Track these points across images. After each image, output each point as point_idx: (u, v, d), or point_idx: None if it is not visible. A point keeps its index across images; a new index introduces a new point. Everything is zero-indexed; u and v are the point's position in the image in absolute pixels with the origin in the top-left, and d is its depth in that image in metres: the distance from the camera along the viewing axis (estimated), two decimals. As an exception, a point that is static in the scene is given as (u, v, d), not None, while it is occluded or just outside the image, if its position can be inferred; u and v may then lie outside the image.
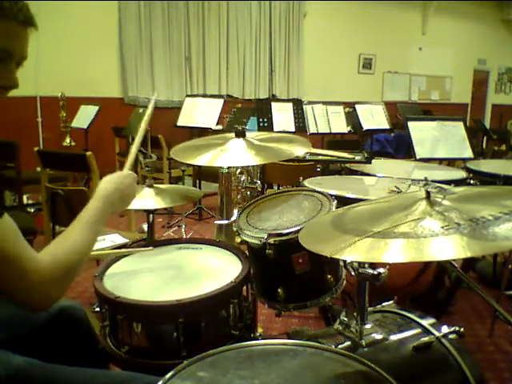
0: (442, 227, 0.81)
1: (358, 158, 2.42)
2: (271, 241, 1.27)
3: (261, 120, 3.97)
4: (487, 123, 10.13)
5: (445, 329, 1.10)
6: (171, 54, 6.91)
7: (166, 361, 1.14)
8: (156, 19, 6.67)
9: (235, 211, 1.53)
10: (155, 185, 1.71)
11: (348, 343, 1.08)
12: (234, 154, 1.49)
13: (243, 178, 1.85)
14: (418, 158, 2.68)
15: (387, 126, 4.90)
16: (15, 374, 0.95)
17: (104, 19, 6.27)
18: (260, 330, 1.89)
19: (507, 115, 9.03)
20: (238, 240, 1.41)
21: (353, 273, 1.09)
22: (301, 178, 1.96)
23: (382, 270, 1.05)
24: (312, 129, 4.20)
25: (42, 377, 0.97)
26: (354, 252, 0.83)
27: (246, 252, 1.41)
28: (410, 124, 2.79)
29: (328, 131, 4.35)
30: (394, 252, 0.78)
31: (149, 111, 1.38)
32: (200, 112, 4.38)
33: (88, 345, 1.22)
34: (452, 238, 0.77)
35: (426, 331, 1.10)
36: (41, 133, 5.93)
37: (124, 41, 6.49)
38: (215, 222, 1.91)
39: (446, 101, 10.41)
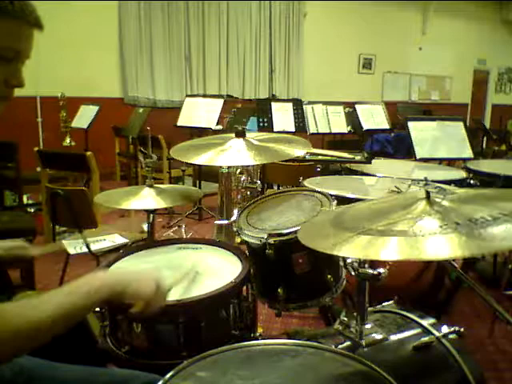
0: (441, 226, 0.81)
1: (357, 158, 2.42)
2: (271, 241, 1.27)
3: (261, 120, 3.98)
4: (487, 123, 10.13)
5: (445, 329, 1.10)
6: (171, 54, 6.91)
7: (165, 361, 1.14)
8: (156, 19, 6.68)
9: (235, 211, 1.53)
10: (155, 185, 1.70)
11: (348, 343, 1.08)
12: (234, 154, 1.49)
13: (243, 178, 1.85)
14: (418, 158, 2.69)
15: (387, 126, 4.91)
16: (20, 373, 0.96)
17: (104, 19, 6.28)
18: (260, 330, 1.89)
19: (507, 115, 9.03)
20: (238, 240, 1.41)
21: (353, 273, 1.09)
22: (301, 178, 1.96)
23: (381, 270, 1.05)
24: (312, 129, 4.21)
25: (46, 376, 0.98)
26: (351, 248, 0.82)
27: (246, 252, 1.41)
28: (410, 124, 2.79)
29: (328, 131, 4.36)
30: (391, 250, 0.78)
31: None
32: (200, 112, 4.38)
33: (86, 344, 1.22)
34: (449, 238, 0.76)
35: (426, 331, 1.10)
36: (41, 133, 5.93)
37: (124, 41, 6.50)
38: (215, 222, 1.91)
39: (446, 101, 10.41)
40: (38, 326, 0.75)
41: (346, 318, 1.12)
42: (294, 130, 4.01)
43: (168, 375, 0.81)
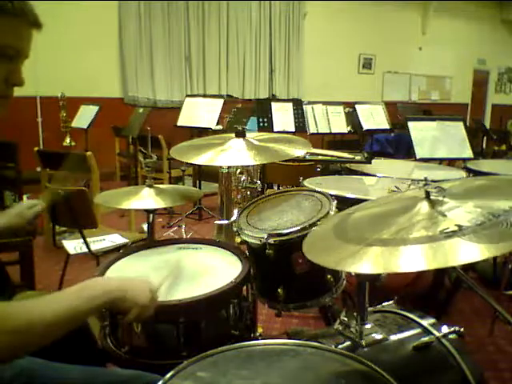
0: (442, 230, 0.80)
1: (358, 158, 2.42)
2: (271, 241, 1.27)
3: (261, 120, 3.98)
4: (487, 123, 10.13)
5: (445, 329, 1.09)
6: (171, 54, 6.91)
7: (166, 361, 1.14)
8: (156, 19, 6.68)
9: (235, 211, 1.53)
10: (155, 185, 1.70)
11: (348, 343, 1.07)
12: (234, 154, 1.49)
13: (243, 178, 1.85)
14: (418, 157, 2.68)
15: (387, 126, 4.90)
16: (19, 373, 0.96)
17: (104, 19, 6.28)
18: (260, 330, 1.89)
19: (507, 115, 9.04)
20: (238, 240, 1.41)
21: (353, 273, 1.09)
22: (301, 178, 1.96)
23: (382, 270, 1.05)
24: (312, 129, 4.20)
25: (45, 376, 0.98)
26: (366, 263, 0.79)
27: (246, 252, 1.41)
28: (410, 124, 2.79)
29: (328, 131, 4.35)
30: (410, 259, 0.75)
31: None
32: (200, 112, 4.38)
33: (85, 344, 1.22)
34: (467, 239, 0.74)
35: (426, 331, 1.10)
36: (41, 133, 5.93)
37: (124, 41, 6.50)
38: (215, 222, 1.91)
39: (446, 101, 10.41)
40: (37, 326, 0.75)
41: (346, 318, 1.12)
42: (294, 130, 4.01)
43: (168, 375, 0.81)
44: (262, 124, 3.96)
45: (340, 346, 1.06)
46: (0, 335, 0.71)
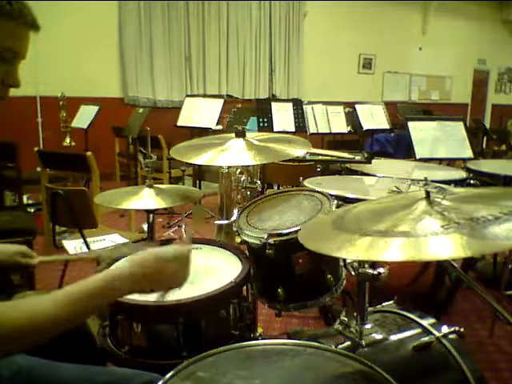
0: (442, 226, 0.81)
1: (358, 158, 2.43)
2: (271, 241, 1.27)
3: (261, 120, 3.98)
4: (487, 123, 10.12)
5: (445, 329, 1.10)
6: (171, 54, 6.91)
7: (166, 361, 1.14)
8: (156, 19, 6.68)
9: (235, 211, 1.53)
10: (155, 185, 1.70)
11: (348, 343, 1.08)
12: (234, 154, 1.49)
13: (243, 178, 1.85)
14: (418, 158, 2.68)
15: (387, 126, 4.91)
16: (18, 372, 0.96)
17: (104, 19, 6.27)
18: (260, 330, 1.89)
19: (507, 115, 9.04)
20: (238, 240, 1.41)
21: (353, 273, 1.09)
22: (301, 178, 1.96)
23: (382, 270, 1.06)
24: (312, 129, 4.21)
25: (44, 375, 0.98)
26: (354, 250, 0.82)
27: (246, 252, 1.41)
28: (410, 124, 2.79)
29: (328, 131, 4.36)
30: (394, 251, 0.78)
31: None
32: (200, 112, 4.38)
33: (85, 343, 1.22)
34: (452, 237, 0.76)
35: (426, 331, 1.10)
36: (41, 133, 5.93)
37: (124, 41, 6.49)
38: (215, 222, 1.91)
39: (446, 101, 10.40)
40: (43, 322, 0.76)
41: (345, 318, 1.12)
42: (294, 130, 4.02)
43: (168, 375, 0.81)
44: (261, 124, 3.96)
45: (340, 346, 1.06)
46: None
